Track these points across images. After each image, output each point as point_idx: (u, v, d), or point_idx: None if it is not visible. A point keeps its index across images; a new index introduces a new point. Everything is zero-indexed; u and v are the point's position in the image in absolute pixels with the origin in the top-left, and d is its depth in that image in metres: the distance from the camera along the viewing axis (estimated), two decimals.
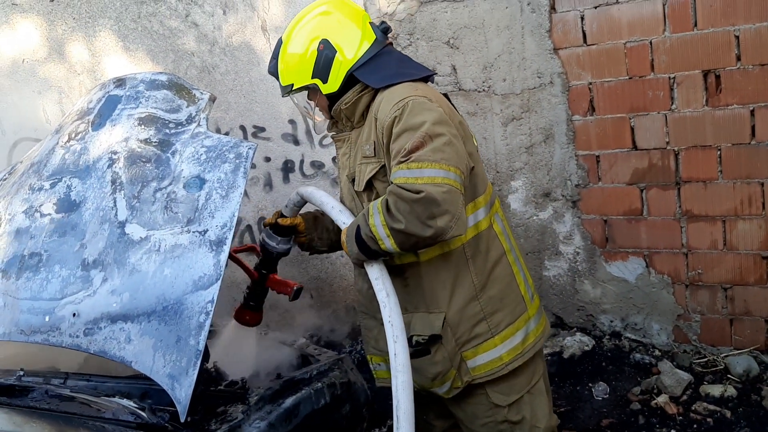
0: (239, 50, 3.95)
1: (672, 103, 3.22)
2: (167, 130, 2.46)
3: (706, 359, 3.41)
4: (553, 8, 3.36)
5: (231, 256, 2.51)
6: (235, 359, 2.65)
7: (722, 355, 3.40)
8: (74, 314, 2.18)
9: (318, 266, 4.24)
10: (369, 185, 2.13)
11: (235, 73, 3.99)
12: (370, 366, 2.35)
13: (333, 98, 2.20)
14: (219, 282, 2.05)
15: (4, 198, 2.66)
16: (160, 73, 2.67)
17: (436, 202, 1.86)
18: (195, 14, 3.93)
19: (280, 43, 2.27)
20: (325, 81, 2.17)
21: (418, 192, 1.87)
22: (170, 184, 2.30)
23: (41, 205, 2.47)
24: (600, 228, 3.57)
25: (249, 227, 4.23)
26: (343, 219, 2.17)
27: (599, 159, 3.46)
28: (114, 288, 2.17)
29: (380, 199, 1.99)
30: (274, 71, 2.30)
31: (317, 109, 2.32)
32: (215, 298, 2.02)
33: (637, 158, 3.37)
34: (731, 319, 3.37)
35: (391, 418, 1.97)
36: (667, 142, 3.27)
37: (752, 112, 3.06)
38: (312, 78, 2.18)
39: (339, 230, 2.44)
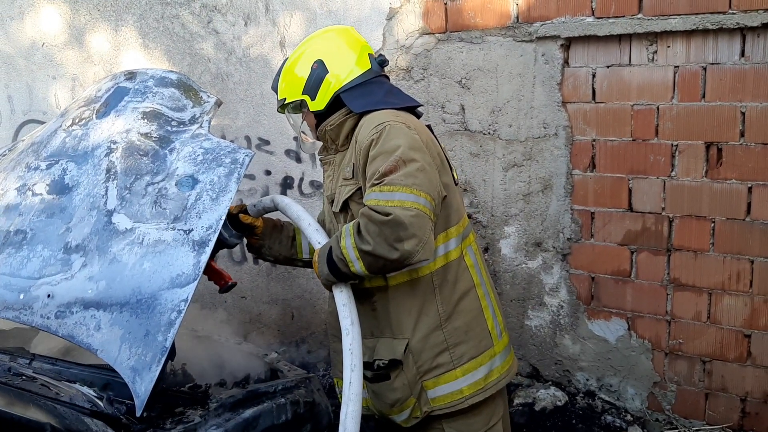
0: (255, 62, 4.00)
1: (672, 170, 3.24)
2: (169, 128, 2.48)
3: (677, 430, 3.38)
4: (566, 62, 3.40)
5: None
6: (204, 364, 2.63)
7: (694, 428, 3.36)
8: (49, 295, 2.19)
9: (303, 285, 4.23)
10: (345, 206, 2.18)
11: (248, 84, 4.03)
12: (336, 389, 2.34)
13: (320, 118, 2.28)
14: (196, 282, 2.06)
15: (1, 172, 2.67)
16: (171, 71, 2.70)
17: (404, 225, 1.89)
18: (217, 22, 3.98)
19: (284, 62, 2.38)
20: (313, 98, 2.25)
21: (386, 214, 1.90)
22: (163, 180, 2.31)
23: (34, 185, 2.49)
24: (587, 284, 3.57)
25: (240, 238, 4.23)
26: (318, 238, 2.19)
27: (594, 216, 3.47)
28: (92, 274, 2.17)
29: (352, 223, 2.02)
30: (274, 87, 2.40)
31: (306, 127, 2.39)
32: (189, 298, 2.02)
33: (631, 220, 3.38)
34: (707, 393, 3.34)
35: None
36: (663, 208, 3.28)
37: (750, 189, 3.07)
38: (302, 94, 2.26)
39: (291, 245, 2.56)
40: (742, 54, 3.00)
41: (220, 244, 2.46)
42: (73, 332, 2.07)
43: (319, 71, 2.23)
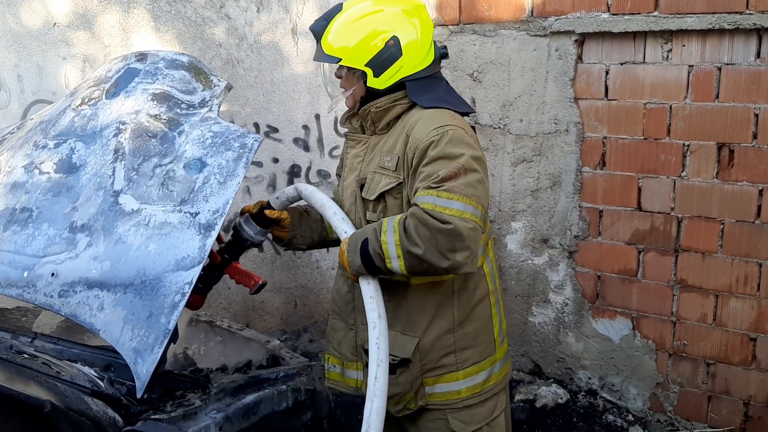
0: (266, 48, 3.98)
1: (683, 170, 3.21)
2: (178, 110, 2.47)
3: None
4: (580, 58, 3.37)
5: None
6: (205, 349, 2.63)
7: (696, 430, 3.34)
8: (53, 274, 2.18)
9: (307, 274, 4.22)
10: (380, 197, 2.10)
11: (259, 71, 4.02)
12: (325, 364, 2.32)
13: (369, 95, 2.15)
14: (200, 266, 2.05)
15: (7, 151, 2.67)
16: (183, 54, 2.69)
17: (461, 236, 1.86)
18: (229, 7, 3.97)
19: (339, 8, 2.16)
20: (376, 75, 2.09)
21: (444, 222, 1.86)
22: (171, 162, 2.30)
23: (42, 163, 2.48)
24: (592, 283, 3.54)
25: None
26: (344, 227, 2.12)
27: (602, 214, 3.45)
28: (97, 254, 2.16)
29: (397, 218, 1.97)
30: (319, 31, 2.17)
31: (343, 91, 2.22)
32: (194, 281, 2.01)
33: (639, 219, 3.35)
34: (710, 396, 3.32)
35: None
36: (672, 208, 3.26)
37: (761, 192, 3.04)
38: (365, 65, 2.09)
39: (321, 228, 2.47)
40: (758, 55, 2.96)
41: (247, 243, 2.42)
42: (76, 312, 2.06)
43: (393, 50, 2.07)
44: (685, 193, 3.22)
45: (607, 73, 3.33)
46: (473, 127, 2.28)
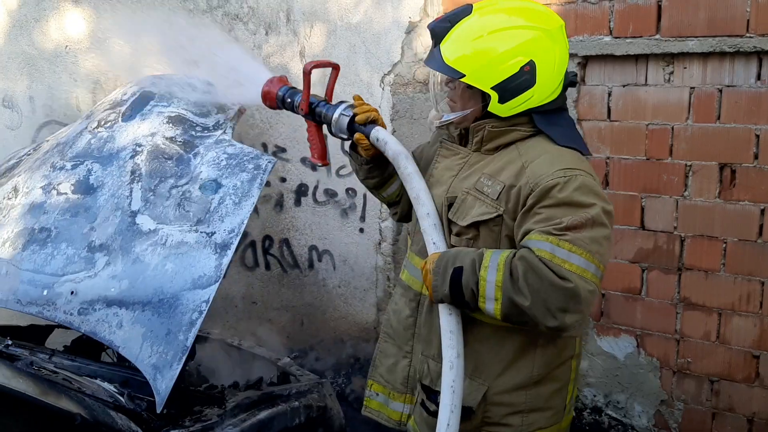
0: (274, 71, 4.03)
1: (685, 190, 3.27)
2: (193, 132, 2.54)
3: None
4: (583, 80, 3.44)
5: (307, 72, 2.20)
6: (217, 366, 2.67)
7: None
8: (72, 292, 2.24)
9: (314, 293, 4.27)
10: (473, 225, 1.84)
11: None
12: (366, 391, 2.14)
13: (488, 117, 1.86)
14: (217, 284, 2.10)
15: (25, 172, 2.73)
16: (196, 77, 2.75)
17: (578, 299, 1.65)
18: (238, 30, 4.05)
19: (468, 11, 1.83)
20: (502, 101, 1.80)
21: (563, 278, 1.64)
22: (187, 183, 2.37)
23: (59, 184, 2.55)
24: (597, 300, 3.59)
25: (253, 243, 4.28)
26: (434, 237, 1.84)
27: None
28: (115, 273, 2.22)
29: (503, 254, 1.72)
30: (440, 34, 1.83)
31: (451, 104, 1.92)
32: (211, 299, 2.07)
33: (643, 238, 3.40)
34: (714, 412, 3.35)
35: None
36: (675, 227, 3.31)
37: (762, 211, 3.10)
38: (491, 88, 1.79)
39: (388, 177, 2.16)
40: (759, 77, 3.03)
41: (326, 123, 2.11)
42: (96, 329, 2.11)
43: (527, 78, 1.77)
44: (688, 212, 3.28)
45: (609, 94, 3.39)
46: None
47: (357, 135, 2.02)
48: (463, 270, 1.72)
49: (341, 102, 2.11)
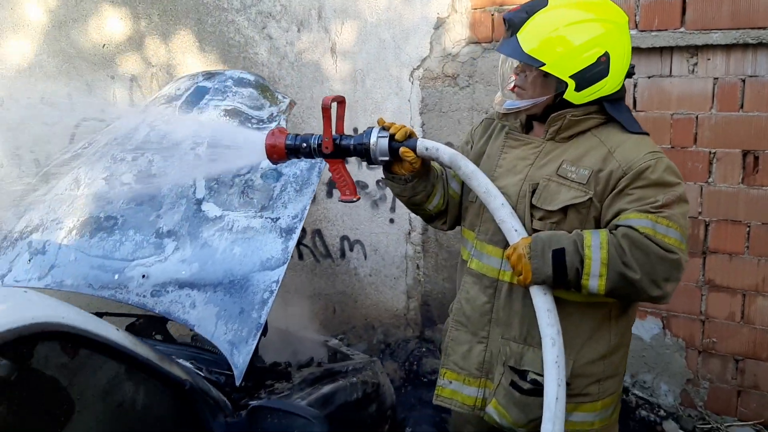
0: (306, 67, 4.19)
1: (709, 177, 3.40)
2: (249, 124, 2.66)
3: (709, 426, 3.53)
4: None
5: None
6: (274, 346, 2.80)
7: (726, 424, 3.50)
8: (143, 276, 2.36)
9: (346, 281, 4.40)
10: (562, 210, 1.93)
11: (299, 87, 4.22)
12: (439, 380, 2.18)
13: (559, 105, 1.96)
14: (285, 266, 2.23)
15: (84, 165, 2.86)
16: (248, 72, 2.89)
17: (681, 268, 1.81)
18: (271, 28, 4.18)
19: (544, 3, 1.93)
20: (578, 89, 1.90)
21: (669, 251, 1.79)
22: (248, 172, 2.49)
23: (122, 175, 2.67)
24: None
25: None
26: (516, 225, 1.92)
27: None
28: (185, 257, 2.35)
29: (603, 235, 1.83)
30: (517, 24, 1.92)
31: (520, 92, 1.99)
32: (281, 280, 2.19)
33: None
34: (739, 390, 3.49)
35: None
36: (700, 213, 3.45)
37: None
38: (569, 77, 1.89)
39: (431, 191, 2.18)
40: None
41: (365, 152, 2.04)
42: (170, 309, 2.24)
43: (602, 68, 1.89)
44: (712, 198, 3.41)
45: (635, 86, 3.53)
46: None
47: (403, 150, 1.99)
48: (565, 251, 1.83)
49: (368, 129, 2.06)
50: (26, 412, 1.27)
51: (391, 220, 4.26)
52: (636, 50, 3.45)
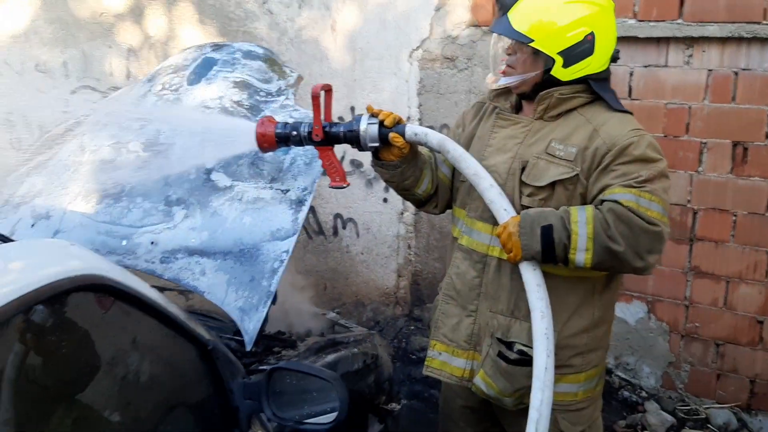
0: (306, 44, 4.20)
1: (699, 166, 3.49)
2: (258, 97, 2.69)
3: (689, 407, 3.65)
4: None
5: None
6: (275, 316, 2.84)
7: (705, 406, 3.63)
8: (152, 242, 2.38)
9: (337, 258, 4.45)
10: (549, 186, 2.01)
11: (298, 64, 4.22)
12: (428, 352, 2.24)
13: (547, 81, 2.05)
14: (295, 236, 2.26)
15: (89, 131, 2.86)
16: (257, 45, 2.91)
17: (663, 240, 1.89)
18: (272, 3, 4.18)
19: None
20: (565, 65, 2.01)
21: (652, 223, 1.86)
22: None
23: (128, 143, 2.68)
24: None
25: None
26: (505, 205, 1.99)
27: None
28: (194, 225, 2.37)
29: (588, 211, 1.90)
30: (509, 4, 2.08)
31: (509, 70, 2.08)
32: (291, 250, 2.23)
33: None
34: (719, 374, 3.61)
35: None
36: (689, 200, 3.54)
37: None
38: (557, 53, 2.00)
39: (420, 175, 2.23)
40: None
41: (355, 139, 2.08)
42: (179, 276, 2.27)
43: (588, 46, 2.00)
44: (701, 186, 3.51)
45: (631, 74, 3.60)
46: None
47: (392, 135, 2.06)
48: (552, 227, 1.90)
49: (357, 116, 2.11)
50: (58, 360, 1.31)
51: (385, 200, 4.31)
52: (633, 40, 3.54)
